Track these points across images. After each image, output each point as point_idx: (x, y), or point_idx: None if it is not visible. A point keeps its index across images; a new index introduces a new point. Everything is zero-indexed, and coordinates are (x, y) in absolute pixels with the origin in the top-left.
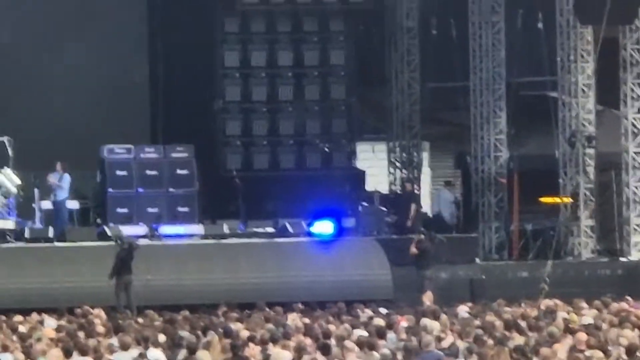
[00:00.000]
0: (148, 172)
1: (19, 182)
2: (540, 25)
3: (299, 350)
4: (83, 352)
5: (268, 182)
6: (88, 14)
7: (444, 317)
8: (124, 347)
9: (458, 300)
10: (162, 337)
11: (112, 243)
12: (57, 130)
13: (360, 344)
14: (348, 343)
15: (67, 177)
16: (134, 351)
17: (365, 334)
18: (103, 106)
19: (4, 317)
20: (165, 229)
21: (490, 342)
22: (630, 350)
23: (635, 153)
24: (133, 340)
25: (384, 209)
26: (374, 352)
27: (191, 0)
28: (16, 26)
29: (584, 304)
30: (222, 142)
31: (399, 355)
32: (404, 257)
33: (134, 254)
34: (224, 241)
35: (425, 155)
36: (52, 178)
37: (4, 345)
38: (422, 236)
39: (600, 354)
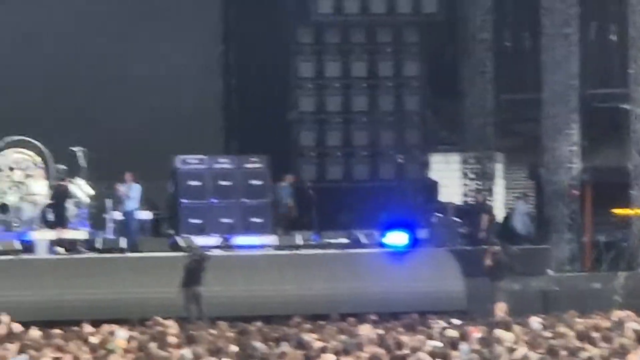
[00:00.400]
0: (221, 182)
1: (91, 192)
2: (612, 37)
3: None
4: None
5: (342, 193)
6: (162, 26)
7: (516, 328)
8: (197, 358)
9: (530, 311)
10: (234, 348)
11: (184, 254)
12: (130, 141)
13: (434, 355)
14: (421, 354)
15: (136, 187)
16: None
17: (438, 345)
18: (177, 117)
19: (75, 328)
20: (239, 240)
21: (563, 353)
22: None
23: None
24: (205, 351)
25: (457, 220)
26: None
27: (265, 11)
28: (89, 38)
29: None
30: (296, 153)
31: None
32: (477, 268)
33: (204, 265)
34: (297, 252)
35: (498, 167)
36: (121, 188)
37: (76, 357)
38: (497, 247)
39: None
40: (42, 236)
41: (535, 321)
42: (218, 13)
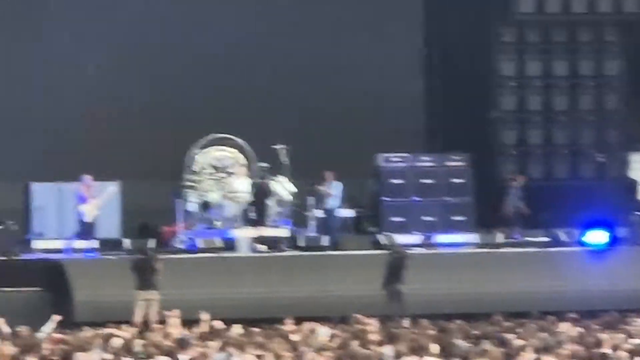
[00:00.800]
0: (423, 180)
1: (294, 190)
2: None
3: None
4: None
5: (542, 192)
6: (362, 23)
7: None
8: (398, 356)
9: None
10: (435, 347)
11: (385, 252)
12: (332, 138)
13: (634, 352)
14: (621, 352)
15: (338, 185)
16: None
17: (638, 342)
18: (379, 115)
19: (276, 326)
20: (440, 238)
21: None
22: None
23: None
24: (407, 349)
25: None
26: None
27: (467, 9)
28: (297, 36)
29: None
30: (498, 152)
31: None
32: None
33: (405, 262)
34: (498, 250)
35: None
36: (324, 186)
37: (277, 355)
38: None
39: None
40: (244, 234)
41: None
42: (420, 13)
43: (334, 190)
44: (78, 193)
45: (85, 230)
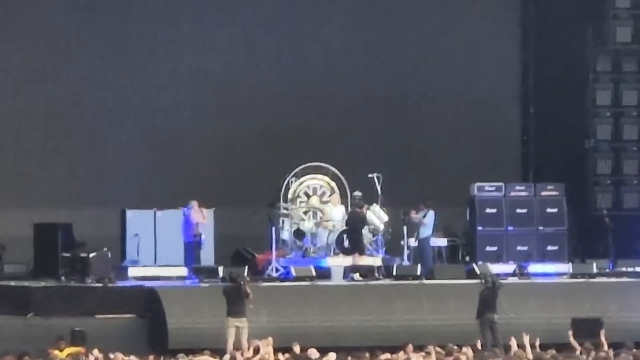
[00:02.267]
0: (518, 210)
1: (386, 218)
2: None
3: None
4: None
5: (638, 222)
6: (459, 51)
7: None
8: None
9: None
10: None
11: (479, 281)
12: (426, 167)
13: None
14: None
15: (431, 214)
16: None
17: None
18: (473, 143)
19: (367, 355)
20: (534, 268)
21: None
22: None
23: None
24: None
25: None
26: None
27: (564, 37)
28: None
29: None
30: (593, 181)
31: None
32: None
33: (497, 292)
34: (591, 280)
35: None
36: (416, 215)
37: None
38: None
39: None
40: (337, 262)
41: None
42: (518, 41)
43: (427, 219)
44: (189, 219)
45: (197, 255)
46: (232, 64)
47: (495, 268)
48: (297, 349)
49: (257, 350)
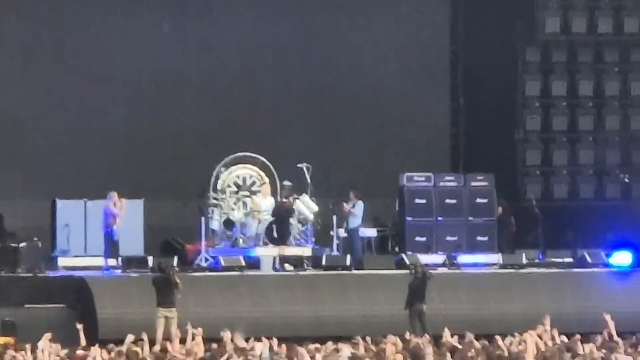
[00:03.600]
0: (448, 200)
1: (316, 209)
2: None
3: None
4: None
5: (567, 212)
6: (387, 44)
7: None
8: None
9: None
10: None
11: (408, 272)
12: (355, 157)
13: None
14: None
15: (360, 205)
16: None
17: None
18: (403, 134)
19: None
20: (464, 258)
21: None
22: None
23: None
24: None
25: None
26: None
27: (492, 29)
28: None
29: None
30: (522, 172)
31: None
32: None
33: (427, 283)
34: (521, 271)
35: None
36: (346, 206)
37: None
38: None
39: None
40: (267, 252)
41: None
42: (446, 33)
43: (357, 209)
44: (106, 210)
45: (113, 247)
46: (163, 58)
47: (425, 258)
48: (226, 335)
49: (185, 341)
